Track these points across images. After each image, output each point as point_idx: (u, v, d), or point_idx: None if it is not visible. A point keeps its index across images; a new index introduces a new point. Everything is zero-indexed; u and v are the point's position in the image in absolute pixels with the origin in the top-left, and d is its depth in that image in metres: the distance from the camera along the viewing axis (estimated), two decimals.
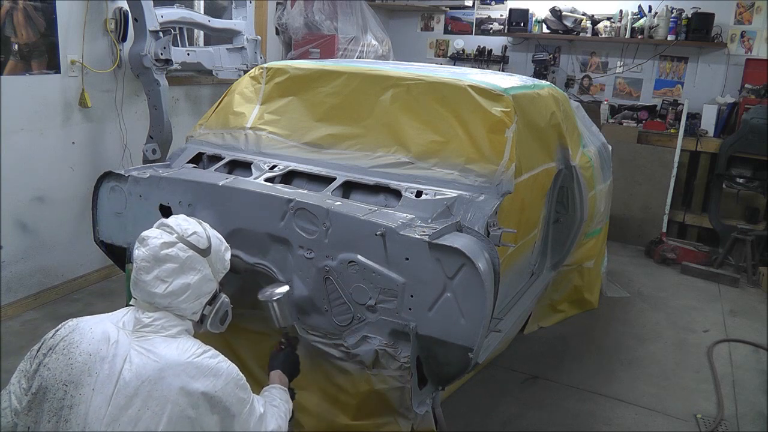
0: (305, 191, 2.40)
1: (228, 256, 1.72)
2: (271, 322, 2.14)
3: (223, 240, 1.73)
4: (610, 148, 4.28)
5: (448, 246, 2.02)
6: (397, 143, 2.58)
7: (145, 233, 1.60)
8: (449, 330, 2.08)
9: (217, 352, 1.59)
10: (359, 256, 2.16)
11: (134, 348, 1.49)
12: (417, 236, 2.07)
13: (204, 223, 1.70)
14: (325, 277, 2.23)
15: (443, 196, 2.32)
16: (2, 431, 1.54)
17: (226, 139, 2.91)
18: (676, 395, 3.18)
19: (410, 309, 2.12)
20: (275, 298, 2.08)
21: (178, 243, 1.57)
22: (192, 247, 1.58)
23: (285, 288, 2.14)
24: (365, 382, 2.27)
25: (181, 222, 1.63)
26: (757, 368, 3.51)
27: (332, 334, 2.29)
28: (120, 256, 2.84)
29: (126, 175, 2.68)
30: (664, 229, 5.45)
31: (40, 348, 1.56)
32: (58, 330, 1.59)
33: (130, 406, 1.44)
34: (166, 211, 2.60)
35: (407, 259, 2.09)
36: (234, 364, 1.59)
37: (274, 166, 2.63)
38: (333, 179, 2.49)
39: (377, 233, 2.10)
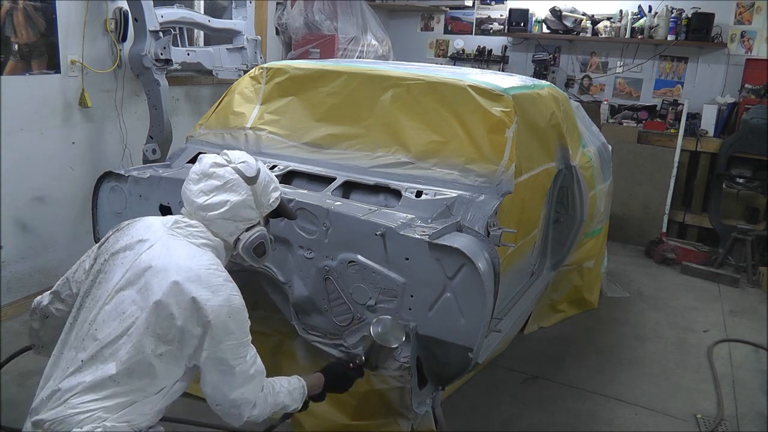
0: (305, 191, 2.40)
1: (275, 195, 1.80)
2: (357, 355, 2.05)
3: (276, 180, 1.82)
4: (610, 148, 4.28)
5: (448, 246, 2.02)
6: (397, 143, 2.58)
7: (202, 156, 1.76)
8: (449, 330, 2.08)
9: (232, 280, 1.64)
10: (359, 256, 2.16)
11: (161, 239, 1.65)
12: (417, 236, 2.07)
13: (260, 162, 1.81)
14: (325, 277, 2.23)
15: (443, 196, 2.32)
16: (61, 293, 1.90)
17: (226, 139, 2.91)
18: (676, 395, 3.18)
19: (410, 309, 2.12)
20: (390, 345, 1.96)
21: (227, 166, 1.71)
22: (238, 172, 1.70)
23: (399, 340, 1.98)
24: (365, 382, 2.27)
25: (238, 153, 1.77)
26: (757, 368, 3.51)
27: (332, 334, 2.29)
28: None
29: (126, 175, 2.68)
30: (664, 229, 5.45)
31: (112, 232, 1.79)
32: (128, 223, 1.79)
33: (135, 283, 1.59)
34: (166, 211, 2.60)
35: (407, 259, 2.09)
36: (242, 298, 1.62)
37: (274, 166, 2.63)
38: (333, 179, 2.49)
39: (377, 233, 2.10)
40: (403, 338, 2.00)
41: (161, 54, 3.82)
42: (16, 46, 3.39)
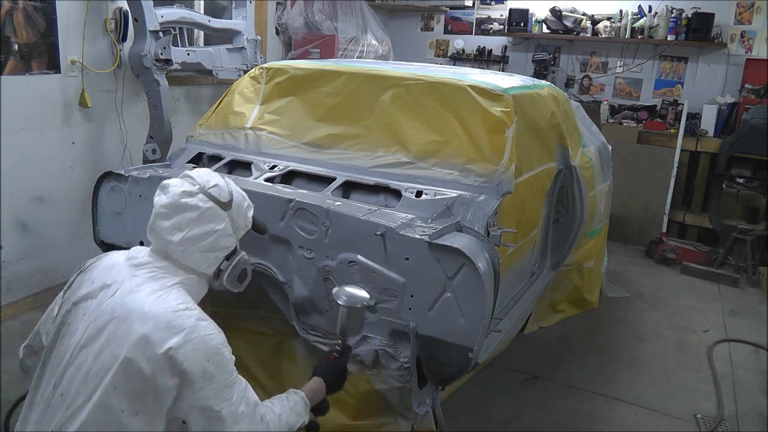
0: (305, 191, 2.40)
1: (251, 214, 1.70)
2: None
3: (247, 197, 1.71)
4: (610, 148, 4.28)
5: (448, 246, 2.02)
6: (397, 143, 2.58)
7: (167, 181, 1.59)
8: (449, 330, 2.08)
9: (206, 317, 1.49)
10: (359, 256, 2.16)
11: (123, 284, 1.50)
12: (417, 236, 2.07)
13: (228, 178, 1.69)
14: (325, 277, 2.23)
15: (443, 196, 2.32)
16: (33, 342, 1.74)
17: (226, 139, 2.91)
18: (676, 395, 3.18)
19: (410, 309, 2.12)
20: (358, 305, 1.90)
21: (199, 194, 1.55)
22: (212, 198, 1.56)
23: (366, 296, 1.94)
24: (365, 382, 2.27)
25: (203, 174, 1.62)
26: (757, 368, 3.51)
27: (332, 334, 2.29)
28: None
29: (126, 175, 2.68)
30: (664, 229, 5.45)
31: (80, 270, 1.66)
32: (98, 259, 1.67)
33: (97, 338, 1.43)
34: None
35: (407, 259, 2.09)
36: (220, 335, 1.48)
37: (274, 166, 2.63)
38: (333, 179, 2.49)
39: (377, 233, 2.10)
40: (368, 296, 1.92)
41: (161, 54, 3.82)
42: (16, 46, 3.39)
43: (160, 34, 3.82)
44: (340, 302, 1.90)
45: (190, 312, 1.47)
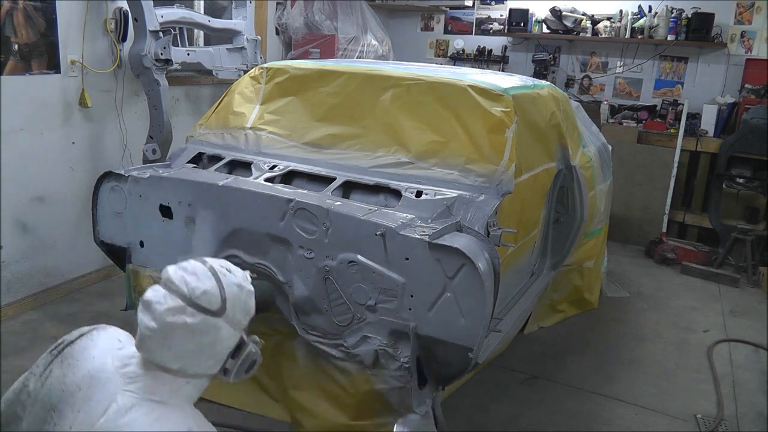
0: (305, 191, 2.40)
1: (252, 301, 1.46)
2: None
3: (245, 283, 1.45)
4: (610, 148, 4.28)
5: (448, 246, 2.02)
6: (397, 143, 2.58)
7: (148, 296, 1.37)
8: (449, 330, 2.08)
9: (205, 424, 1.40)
10: (359, 256, 2.16)
11: (117, 400, 1.34)
12: (417, 236, 2.07)
13: (220, 269, 1.42)
14: (325, 277, 2.23)
15: (443, 196, 2.32)
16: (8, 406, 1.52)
17: (226, 139, 2.91)
18: (676, 395, 3.18)
19: (410, 309, 2.12)
20: None
21: (186, 308, 1.34)
22: (203, 310, 1.35)
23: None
24: (365, 382, 2.27)
25: (188, 277, 1.37)
26: (757, 368, 3.51)
27: (332, 334, 2.29)
28: (120, 256, 2.84)
29: (126, 175, 2.68)
30: (664, 229, 5.45)
31: (59, 347, 1.48)
32: (79, 338, 1.48)
33: None
34: (166, 212, 2.60)
35: (407, 259, 2.09)
36: None
37: (274, 166, 2.63)
38: (333, 179, 2.49)
39: (377, 233, 2.10)
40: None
41: (161, 54, 3.82)
42: (16, 46, 3.39)
43: (160, 34, 3.82)
44: None
45: None
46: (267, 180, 2.53)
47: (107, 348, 1.44)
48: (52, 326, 3.49)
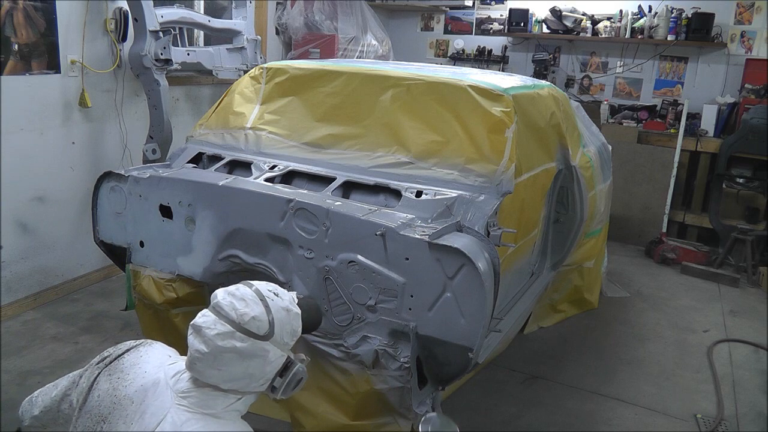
0: (305, 191, 2.40)
1: (298, 322, 1.50)
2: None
3: (292, 306, 1.49)
4: (610, 148, 4.28)
5: (448, 246, 2.02)
6: (397, 143, 2.58)
7: (198, 321, 1.42)
8: (449, 330, 2.08)
9: None
10: (359, 256, 2.16)
11: (171, 413, 1.39)
12: (417, 236, 2.07)
13: (268, 294, 1.46)
14: (325, 277, 2.23)
15: (443, 196, 2.32)
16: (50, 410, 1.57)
17: (226, 139, 2.91)
18: (676, 395, 3.18)
19: (410, 309, 2.12)
20: None
21: (235, 332, 1.38)
22: (250, 334, 1.39)
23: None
24: (365, 382, 2.27)
25: (237, 303, 1.41)
26: (757, 368, 3.51)
27: (332, 334, 2.29)
28: (120, 256, 2.84)
29: (126, 175, 2.68)
30: (664, 229, 5.45)
31: (105, 361, 1.52)
32: (127, 352, 1.52)
33: None
34: (166, 211, 2.60)
35: (407, 259, 2.09)
36: None
37: (274, 166, 2.63)
38: (333, 179, 2.49)
39: (377, 233, 2.10)
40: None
41: (161, 54, 3.82)
42: (16, 46, 3.39)
43: (160, 34, 3.82)
44: None
45: None
46: (267, 180, 2.53)
47: (159, 363, 1.49)
48: (52, 326, 3.49)
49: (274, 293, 1.48)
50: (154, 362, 1.49)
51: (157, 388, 1.43)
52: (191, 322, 1.44)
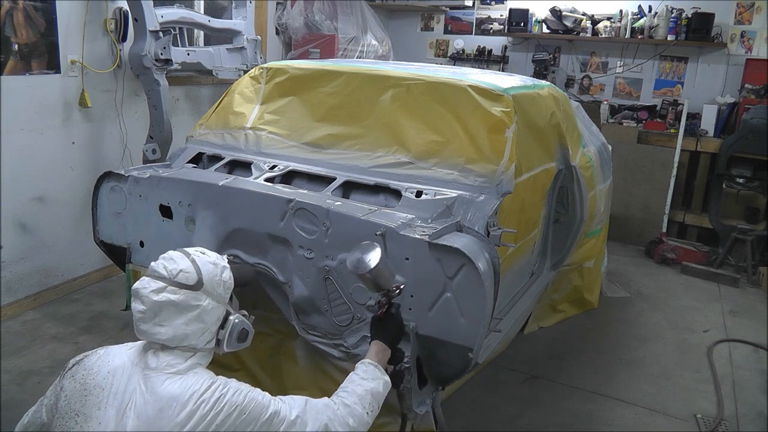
0: (305, 191, 2.40)
1: (227, 275, 1.62)
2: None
3: (219, 260, 1.63)
4: (610, 148, 4.28)
5: (448, 246, 2.02)
6: (397, 143, 2.58)
7: (135, 286, 1.54)
8: (449, 330, 2.08)
9: (227, 381, 1.52)
10: None
11: (139, 387, 1.48)
12: (417, 236, 2.07)
13: (194, 252, 1.60)
14: (325, 277, 2.23)
15: (443, 196, 2.32)
16: None
17: (226, 139, 2.91)
18: (676, 395, 3.18)
19: (410, 309, 2.12)
20: (372, 267, 1.79)
21: (167, 287, 1.51)
22: (182, 286, 1.51)
23: (378, 252, 1.82)
24: None
25: (166, 262, 1.55)
26: (757, 368, 3.51)
27: (332, 334, 2.29)
28: (120, 256, 2.84)
29: (126, 175, 2.68)
30: (664, 229, 5.45)
31: (67, 368, 1.59)
32: (86, 356, 1.60)
33: None
34: (166, 211, 2.60)
35: (407, 259, 2.09)
36: (242, 387, 1.53)
37: (274, 166, 2.63)
38: (333, 179, 2.49)
39: (377, 233, 2.10)
40: (378, 249, 1.84)
41: (161, 54, 3.82)
42: (16, 46, 3.40)
43: (160, 34, 3.82)
44: (358, 273, 1.82)
45: (214, 387, 1.49)
46: (267, 180, 2.53)
47: (120, 351, 1.59)
48: (51, 326, 3.50)
49: (201, 252, 1.62)
50: (116, 352, 1.59)
51: (124, 370, 1.52)
52: (131, 290, 1.56)
